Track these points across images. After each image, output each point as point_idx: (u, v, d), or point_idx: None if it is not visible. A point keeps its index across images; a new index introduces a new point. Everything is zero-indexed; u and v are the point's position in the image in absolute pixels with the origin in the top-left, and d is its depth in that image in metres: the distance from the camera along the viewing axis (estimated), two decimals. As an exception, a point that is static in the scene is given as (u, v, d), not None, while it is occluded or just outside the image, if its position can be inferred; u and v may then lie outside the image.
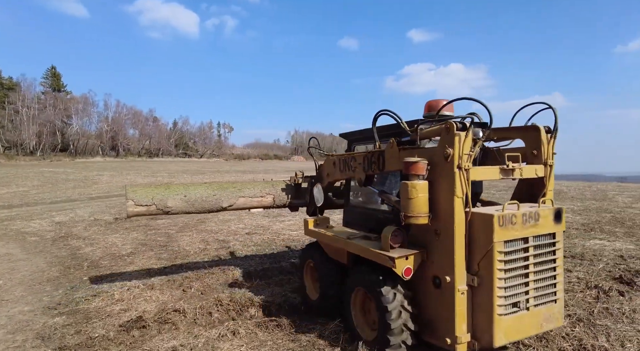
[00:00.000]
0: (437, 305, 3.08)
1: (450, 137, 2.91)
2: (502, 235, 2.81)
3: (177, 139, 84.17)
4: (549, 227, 3.01)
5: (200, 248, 7.90)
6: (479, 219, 2.88)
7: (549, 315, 3.01)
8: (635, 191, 17.16)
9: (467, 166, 2.90)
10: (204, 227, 10.46)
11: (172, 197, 4.60)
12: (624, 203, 13.17)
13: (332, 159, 4.38)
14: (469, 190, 2.92)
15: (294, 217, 11.80)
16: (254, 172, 46.97)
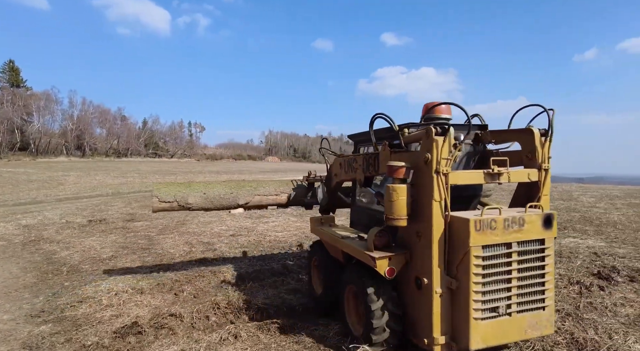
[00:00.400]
0: (418, 306, 3.11)
1: (429, 142, 2.93)
2: (480, 239, 2.79)
3: (146, 139, 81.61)
4: (536, 233, 2.93)
5: (185, 251, 7.71)
6: (456, 223, 2.89)
7: (535, 322, 2.94)
8: (596, 191, 18.19)
9: (445, 170, 2.91)
10: (185, 229, 10.22)
11: (193, 195, 4.90)
12: (589, 202, 13.94)
13: (338, 160, 4.47)
14: (447, 194, 2.93)
15: (278, 218, 11.73)
16: (228, 173, 46.27)
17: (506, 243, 2.86)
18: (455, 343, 2.93)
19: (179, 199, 4.85)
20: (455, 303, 2.92)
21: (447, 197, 2.92)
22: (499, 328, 2.86)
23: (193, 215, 12.78)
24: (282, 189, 5.36)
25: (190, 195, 4.90)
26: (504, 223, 2.84)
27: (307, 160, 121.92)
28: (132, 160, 70.83)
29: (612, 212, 11.49)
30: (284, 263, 6.61)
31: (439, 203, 2.91)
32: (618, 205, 13.15)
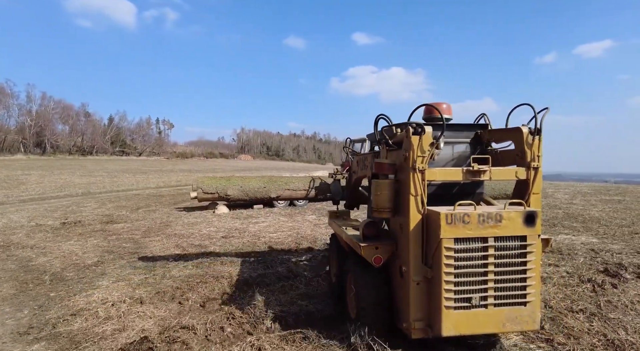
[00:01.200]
0: (401, 293, 3.32)
1: (408, 140, 3.13)
2: (451, 232, 2.92)
3: (113, 136, 78.13)
4: (517, 230, 2.98)
5: (178, 255, 7.24)
6: (431, 216, 3.07)
7: (515, 316, 3.00)
8: (567, 188, 18.96)
9: (421, 167, 3.09)
10: (172, 231, 9.67)
11: (231, 187, 5.76)
12: (565, 199, 14.45)
13: (356, 158, 4.85)
14: (423, 190, 3.11)
15: (267, 218, 11.37)
16: (200, 171, 45.00)
17: (481, 237, 2.96)
18: (430, 328, 3.09)
19: (219, 191, 5.80)
20: (430, 291, 3.09)
21: (423, 192, 3.11)
22: (473, 318, 2.97)
23: (176, 216, 12.19)
24: (310, 185, 5.81)
25: (229, 188, 5.84)
26: (479, 218, 2.94)
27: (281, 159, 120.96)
28: (98, 158, 67.62)
29: (590, 208, 11.93)
30: (288, 265, 6.32)
31: (415, 198, 3.11)
32: (592, 201, 13.70)
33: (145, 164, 59.16)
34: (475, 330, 3.01)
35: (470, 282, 2.96)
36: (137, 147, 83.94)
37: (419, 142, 3.09)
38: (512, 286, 3.00)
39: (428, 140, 3.10)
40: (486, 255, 2.96)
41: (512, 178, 3.33)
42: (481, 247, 2.96)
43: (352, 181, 5.14)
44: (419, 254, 3.12)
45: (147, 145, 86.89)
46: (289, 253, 7.22)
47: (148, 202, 16.63)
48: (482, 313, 2.96)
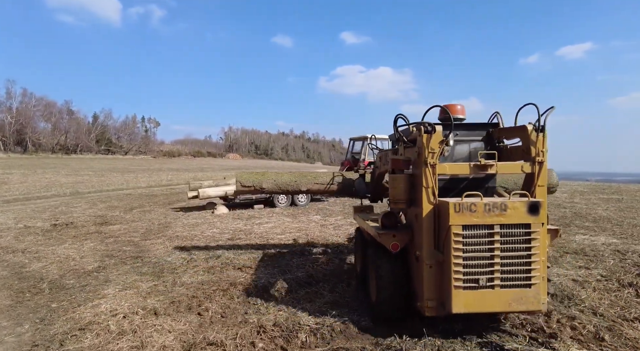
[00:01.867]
0: (416, 276, 3.64)
1: (420, 138, 3.44)
2: (459, 220, 3.20)
3: (98, 134, 76.14)
4: (521, 218, 3.23)
5: (184, 259, 6.77)
6: (441, 206, 3.38)
7: (520, 297, 3.26)
8: (562, 187, 18.99)
9: (432, 162, 3.40)
10: (172, 233, 9.17)
11: (266, 181, 6.13)
12: (565, 198, 14.41)
13: (380, 154, 5.17)
14: (434, 183, 3.40)
15: (270, 218, 10.94)
16: (188, 170, 44.15)
17: (487, 224, 3.22)
18: (442, 307, 3.39)
19: (255, 184, 6.09)
20: (442, 273, 3.38)
21: (435, 185, 3.41)
22: (481, 297, 3.23)
23: (174, 217, 11.66)
24: (337, 179, 6.21)
25: (264, 182, 6.12)
26: (484, 207, 3.21)
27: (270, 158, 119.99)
28: (83, 157, 65.83)
29: (595, 207, 11.85)
30: (306, 270, 5.92)
31: (427, 190, 3.42)
32: (593, 200, 13.67)
33: (132, 163, 57.80)
34: (483, 308, 3.27)
35: (478, 265, 3.23)
36: (123, 146, 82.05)
37: (430, 140, 3.40)
38: (517, 269, 3.24)
39: (438, 138, 3.40)
40: (492, 241, 3.22)
41: (518, 172, 3.62)
42: (487, 233, 3.22)
43: (375, 176, 5.51)
44: (432, 240, 3.44)
45: (133, 144, 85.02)
46: (302, 256, 6.82)
47: (141, 202, 16.00)
48: (490, 293, 3.23)
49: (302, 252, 7.10)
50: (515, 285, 3.24)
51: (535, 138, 3.51)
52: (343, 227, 9.47)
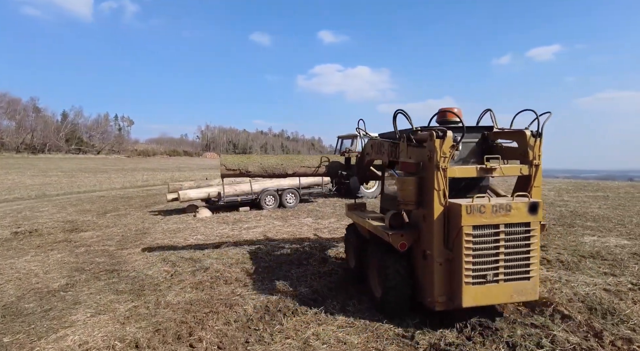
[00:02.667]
0: (424, 273, 3.75)
1: (432, 143, 3.53)
2: (470, 220, 3.36)
3: (68, 133, 72.53)
4: (522, 217, 3.47)
5: (168, 272, 5.94)
6: (452, 207, 3.49)
7: (521, 289, 3.52)
8: (545, 185, 19.03)
9: (444, 166, 3.51)
10: (152, 241, 8.26)
11: (252, 164, 5.93)
12: (555, 196, 14.27)
13: (371, 142, 5.08)
14: (446, 185, 3.52)
15: (259, 222, 10.15)
16: (165, 170, 42.47)
17: (494, 224, 3.42)
18: (452, 302, 3.55)
19: (241, 167, 5.86)
20: (451, 270, 3.54)
21: (445, 187, 3.52)
22: (487, 291, 3.45)
23: (153, 221, 10.69)
24: (323, 162, 6.12)
25: (249, 165, 5.92)
26: (492, 208, 3.40)
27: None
28: (51, 156, 62.52)
29: (588, 205, 11.67)
30: (309, 283, 5.22)
31: (438, 192, 3.52)
32: (582, 198, 13.57)
33: (105, 163, 55.31)
34: (489, 301, 3.52)
35: (485, 261, 3.43)
36: (95, 145, 78.56)
37: (441, 145, 3.49)
38: (518, 264, 3.50)
39: (449, 143, 3.50)
40: (498, 239, 3.44)
41: (518, 174, 3.80)
42: (493, 232, 3.43)
43: (364, 161, 5.53)
44: (441, 240, 3.56)
45: (106, 143, 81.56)
46: (301, 266, 6.11)
47: (116, 204, 14.84)
48: (495, 287, 3.46)
49: (300, 261, 6.39)
50: (516, 278, 3.52)
51: (533, 143, 3.75)
52: (339, 230, 8.81)
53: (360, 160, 5.74)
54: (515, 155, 3.92)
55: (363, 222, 4.70)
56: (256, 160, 6.00)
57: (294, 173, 6.09)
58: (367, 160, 5.40)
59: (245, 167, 5.86)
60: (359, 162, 5.79)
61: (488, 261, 3.43)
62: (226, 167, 5.84)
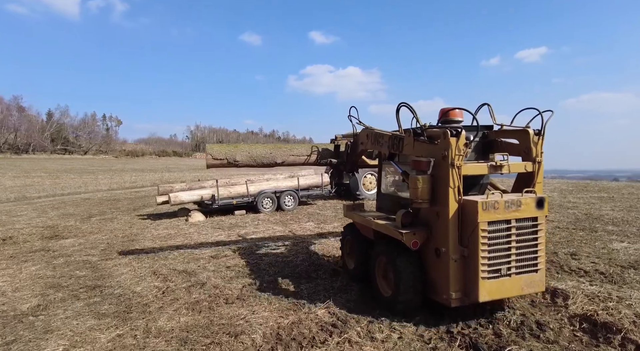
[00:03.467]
0: (437, 270, 3.72)
1: (446, 142, 3.49)
2: (486, 217, 3.39)
3: (53, 133, 70.41)
4: (531, 212, 3.57)
5: (159, 289, 5.15)
6: (468, 204, 3.49)
7: (530, 281, 3.60)
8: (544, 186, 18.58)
9: (459, 164, 3.49)
10: (141, 250, 7.43)
11: (240, 153, 5.64)
12: (558, 197, 13.78)
13: (366, 131, 4.98)
14: (460, 182, 3.50)
15: (257, 227, 9.37)
16: (154, 171, 41.22)
17: (506, 220, 3.49)
18: (467, 297, 3.55)
19: (228, 157, 5.58)
20: (467, 266, 3.53)
21: (460, 185, 3.51)
22: (501, 285, 3.51)
23: (142, 227, 9.83)
24: (313, 151, 5.93)
25: (237, 154, 5.64)
26: (505, 204, 3.47)
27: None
28: (35, 157, 60.55)
29: (599, 208, 11.17)
30: (327, 306, 4.44)
31: (453, 190, 3.51)
32: (590, 199, 13.09)
33: (92, 163, 53.70)
34: (503, 294, 3.60)
35: (499, 256, 3.48)
36: (82, 145, 76.46)
37: (456, 143, 3.47)
38: (528, 257, 3.59)
39: (463, 141, 3.50)
40: (509, 234, 3.51)
41: (523, 171, 3.87)
42: (506, 228, 3.49)
43: (357, 150, 5.42)
44: (456, 236, 3.54)
45: (93, 143, 79.46)
46: (310, 280, 5.38)
47: (102, 208, 13.89)
48: (508, 280, 3.52)
49: (309, 274, 5.65)
50: (526, 271, 3.60)
51: (537, 141, 3.84)
52: (345, 236, 8.09)
53: (352, 148, 5.61)
54: (516, 152, 3.99)
55: (368, 222, 4.61)
56: (244, 149, 5.77)
57: (282, 163, 5.84)
58: (361, 150, 5.32)
59: (233, 156, 5.60)
60: (351, 150, 5.64)
61: (501, 255, 3.50)
62: (212, 156, 5.55)
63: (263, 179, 12.87)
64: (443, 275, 3.63)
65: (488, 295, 3.46)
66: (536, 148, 3.83)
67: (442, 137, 3.55)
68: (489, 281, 3.43)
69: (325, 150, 5.99)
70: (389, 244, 4.15)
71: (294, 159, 5.90)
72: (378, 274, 4.40)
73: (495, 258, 3.45)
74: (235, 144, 6.19)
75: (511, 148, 4.01)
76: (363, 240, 4.99)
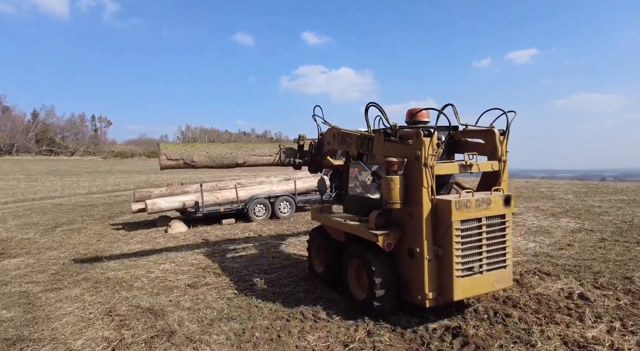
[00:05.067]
0: (412, 271, 3.69)
1: (419, 142, 3.50)
2: (459, 215, 3.42)
3: (39, 133, 67.69)
4: (500, 210, 3.65)
5: (109, 344, 3.61)
6: (441, 204, 3.50)
7: (500, 277, 3.69)
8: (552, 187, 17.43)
9: (431, 164, 3.50)
10: (100, 274, 5.87)
11: (197, 153, 5.35)
12: (577, 200, 12.55)
13: (332, 131, 4.83)
14: (433, 182, 3.51)
15: (248, 240, 7.84)
16: (141, 172, 39.27)
17: (477, 218, 3.54)
18: (441, 296, 3.57)
19: (185, 157, 5.23)
20: (441, 266, 3.54)
21: (433, 184, 3.52)
22: (474, 283, 3.55)
23: (111, 240, 8.23)
24: (275, 150, 5.71)
25: (195, 154, 5.31)
26: (476, 203, 3.52)
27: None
28: (18, 158, 57.94)
29: (631, 213, 9.90)
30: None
31: (427, 189, 3.50)
32: (614, 202, 11.86)
33: (78, 165, 51.39)
34: (476, 292, 3.64)
35: (472, 254, 3.54)
36: (68, 146, 73.71)
37: (429, 143, 3.48)
38: (497, 254, 3.68)
39: (435, 141, 3.51)
40: (480, 232, 3.57)
41: (490, 170, 3.92)
42: (477, 226, 3.56)
43: (322, 150, 5.29)
44: (430, 236, 3.54)
45: (80, 144, 76.68)
46: (324, 326, 3.90)
47: (73, 215, 12.21)
48: (480, 277, 3.58)
49: (316, 314, 4.16)
50: (496, 267, 3.67)
51: (502, 140, 3.89)
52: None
53: (317, 148, 5.46)
54: (482, 152, 4.00)
55: (340, 224, 4.49)
56: (202, 149, 5.43)
57: (244, 163, 5.57)
58: (327, 150, 5.17)
59: (190, 157, 5.26)
60: (316, 150, 5.50)
61: (474, 253, 3.53)
62: (167, 157, 5.15)
63: (255, 182, 11.35)
64: (418, 275, 3.60)
65: (462, 293, 3.50)
66: (501, 148, 3.89)
67: (414, 137, 3.53)
68: (462, 280, 3.47)
69: (289, 149, 5.77)
70: (361, 246, 4.08)
71: (256, 159, 5.60)
72: (351, 277, 4.30)
73: (468, 256, 3.49)
74: (192, 143, 5.57)
75: (477, 148, 4.02)
76: (333, 243, 4.81)
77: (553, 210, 10.42)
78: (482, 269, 3.55)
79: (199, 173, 34.00)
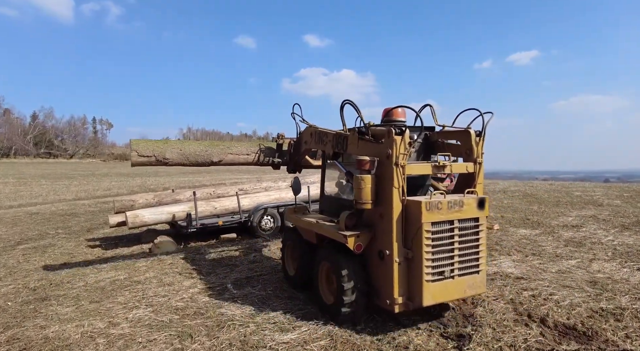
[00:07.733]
0: (381, 274, 3.50)
1: (390, 141, 3.35)
2: (429, 217, 3.24)
3: (37, 136, 65.59)
4: (473, 213, 3.45)
5: None
6: (411, 205, 3.33)
7: (472, 283, 3.48)
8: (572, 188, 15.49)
9: (402, 163, 3.33)
10: (33, 333, 3.88)
11: (170, 150, 5.09)
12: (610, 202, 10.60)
13: (310, 130, 4.72)
14: (404, 183, 3.33)
15: (252, 266, 5.85)
16: (139, 175, 37.18)
17: (449, 220, 3.35)
18: (411, 302, 3.36)
19: (157, 154, 5.01)
20: (410, 269, 3.36)
21: (404, 185, 3.34)
22: (445, 288, 3.35)
23: (78, 266, 6.21)
24: (253, 149, 5.59)
25: (167, 151, 5.09)
26: (448, 204, 3.33)
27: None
28: (16, 161, 55.96)
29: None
30: None
31: (397, 190, 3.34)
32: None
33: (75, 168, 49.31)
34: (446, 297, 3.43)
35: (443, 258, 3.34)
36: (67, 149, 71.59)
37: (401, 142, 3.32)
38: (470, 258, 3.47)
39: (407, 140, 3.35)
40: (452, 235, 3.37)
41: (465, 171, 3.72)
42: (449, 228, 3.36)
43: (300, 149, 5.16)
44: (400, 238, 3.35)
45: (80, 146, 74.55)
46: None
47: (47, 227, 10.20)
48: (451, 282, 3.38)
49: None
50: (468, 272, 3.46)
51: (477, 142, 3.69)
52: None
53: (296, 147, 5.40)
54: (458, 153, 3.85)
55: (311, 225, 4.30)
56: (175, 146, 5.20)
57: (220, 161, 5.33)
58: (305, 149, 5.08)
59: (162, 154, 5.01)
60: (295, 149, 5.44)
61: (445, 257, 3.37)
62: (138, 153, 4.92)
63: (261, 188, 9.36)
64: (387, 278, 3.41)
65: (432, 298, 3.32)
66: (477, 149, 3.73)
67: (386, 135, 3.40)
68: (433, 284, 3.29)
69: (268, 148, 5.67)
70: (332, 248, 3.88)
71: (233, 158, 5.47)
72: (321, 280, 4.09)
73: (438, 259, 3.32)
74: (165, 140, 5.40)
75: (453, 149, 3.86)
76: (305, 245, 4.59)
77: (617, 220, 8.44)
78: (454, 274, 3.39)
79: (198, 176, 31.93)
